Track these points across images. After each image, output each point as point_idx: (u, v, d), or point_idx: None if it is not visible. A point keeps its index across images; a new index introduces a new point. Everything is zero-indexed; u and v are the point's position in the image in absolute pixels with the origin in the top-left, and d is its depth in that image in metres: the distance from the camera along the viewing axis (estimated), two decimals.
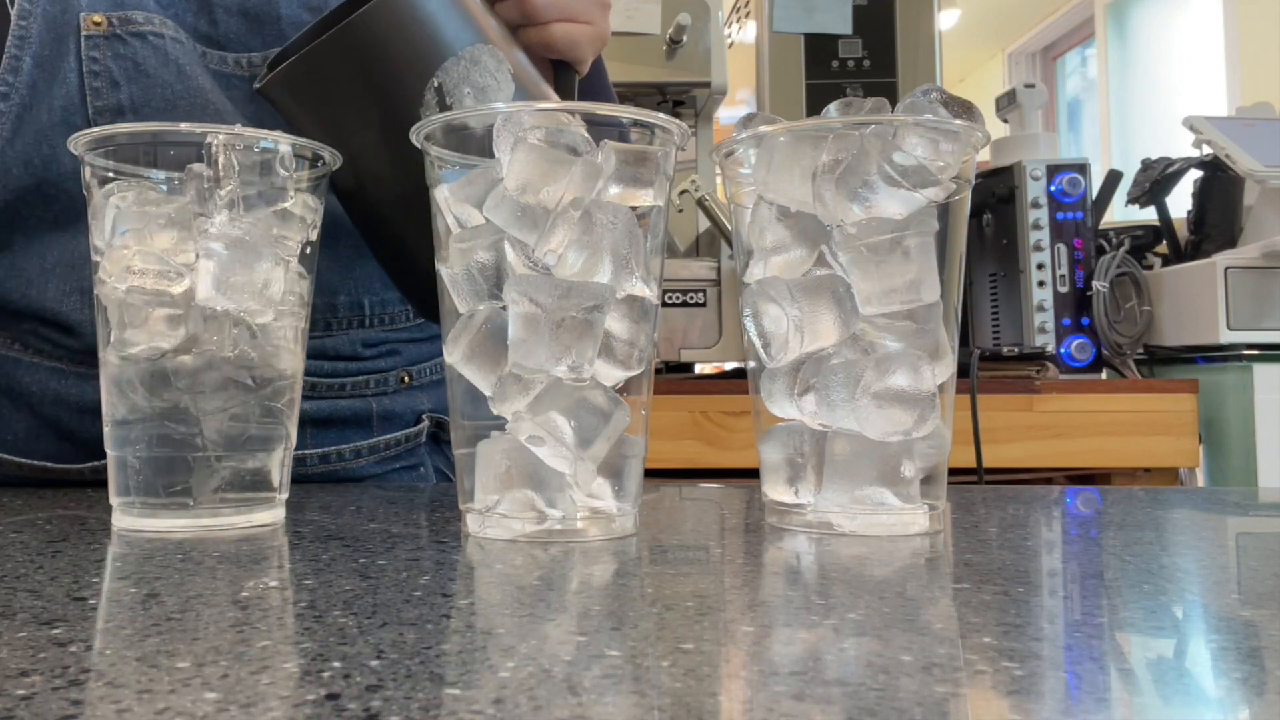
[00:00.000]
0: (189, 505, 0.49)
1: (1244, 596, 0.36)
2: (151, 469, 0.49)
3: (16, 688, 0.24)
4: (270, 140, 0.49)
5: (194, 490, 0.49)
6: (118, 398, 0.49)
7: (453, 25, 0.55)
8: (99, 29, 0.66)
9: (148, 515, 0.49)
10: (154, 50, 0.66)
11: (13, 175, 0.65)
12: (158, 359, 0.48)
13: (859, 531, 0.45)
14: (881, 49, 1.77)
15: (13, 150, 0.65)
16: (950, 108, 0.46)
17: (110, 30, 0.66)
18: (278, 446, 0.51)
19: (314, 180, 0.52)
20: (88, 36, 0.66)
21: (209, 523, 0.48)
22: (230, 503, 0.49)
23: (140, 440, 0.49)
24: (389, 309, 0.75)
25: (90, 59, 0.66)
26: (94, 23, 0.66)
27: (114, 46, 0.66)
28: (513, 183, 0.44)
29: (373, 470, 0.75)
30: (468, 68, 0.51)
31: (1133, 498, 0.64)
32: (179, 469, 0.49)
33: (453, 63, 0.52)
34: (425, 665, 0.26)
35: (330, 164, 0.52)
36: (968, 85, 5.14)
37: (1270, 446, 1.45)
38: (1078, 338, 1.60)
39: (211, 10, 0.69)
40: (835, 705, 0.23)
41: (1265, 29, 3.14)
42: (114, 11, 0.67)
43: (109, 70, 0.66)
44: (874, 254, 0.45)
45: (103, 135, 0.49)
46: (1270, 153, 1.53)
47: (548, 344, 0.43)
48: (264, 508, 0.51)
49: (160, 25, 0.67)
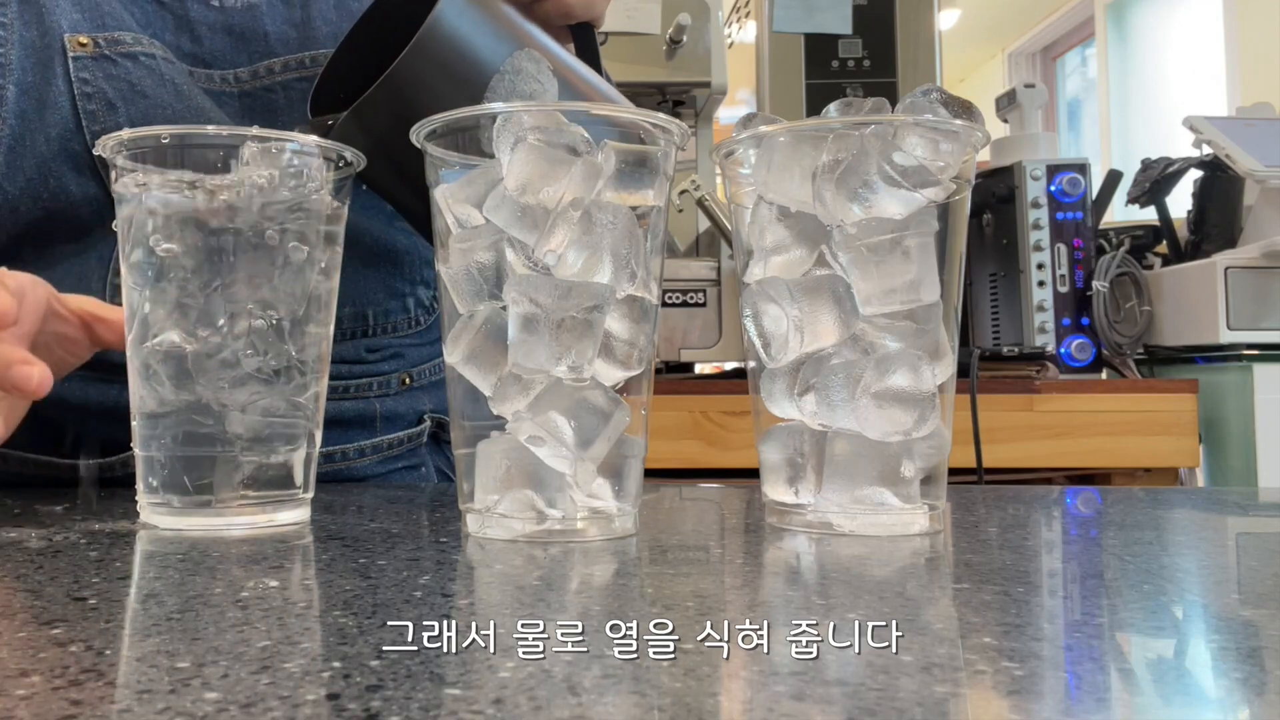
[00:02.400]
0: (211, 504, 0.49)
1: (1244, 596, 0.36)
2: (178, 465, 0.49)
3: (16, 688, 0.24)
4: (298, 143, 0.50)
5: (216, 487, 0.49)
6: (145, 391, 0.50)
7: (487, 41, 0.55)
8: (85, 50, 0.64)
9: (172, 514, 0.49)
10: (147, 71, 0.65)
11: (20, 212, 0.64)
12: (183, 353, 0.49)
13: (859, 531, 0.45)
14: (881, 49, 1.77)
15: (13, 185, 0.63)
16: (950, 108, 0.46)
17: (98, 51, 0.65)
18: (301, 444, 0.51)
19: (338, 181, 0.53)
20: (75, 58, 0.64)
21: (234, 520, 0.49)
22: (252, 501, 0.49)
23: (166, 435, 0.49)
24: (392, 319, 0.75)
25: (80, 80, 0.64)
26: (80, 44, 0.64)
27: (104, 68, 0.65)
28: (513, 183, 0.44)
29: (375, 470, 0.75)
30: (512, 80, 0.52)
31: (1133, 498, 0.63)
32: (204, 465, 0.49)
33: (497, 80, 0.52)
34: (425, 665, 0.26)
35: (354, 165, 0.52)
36: (968, 85, 5.13)
37: (1270, 446, 1.45)
38: (1078, 338, 1.60)
39: (193, 28, 0.68)
40: (835, 705, 0.23)
41: (1265, 29, 3.14)
42: (98, 33, 0.65)
43: (103, 92, 0.64)
44: (874, 254, 0.45)
45: (131, 138, 0.49)
46: (1270, 153, 1.53)
47: (548, 344, 0.43)
48: (289, 507, 0.50)
49: (149, 45, 0.66)
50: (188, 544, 0.44)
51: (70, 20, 0.65)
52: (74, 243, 0.66)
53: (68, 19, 0.65)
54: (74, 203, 0.65)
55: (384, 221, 0.73)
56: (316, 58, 0.69)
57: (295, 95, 0.68)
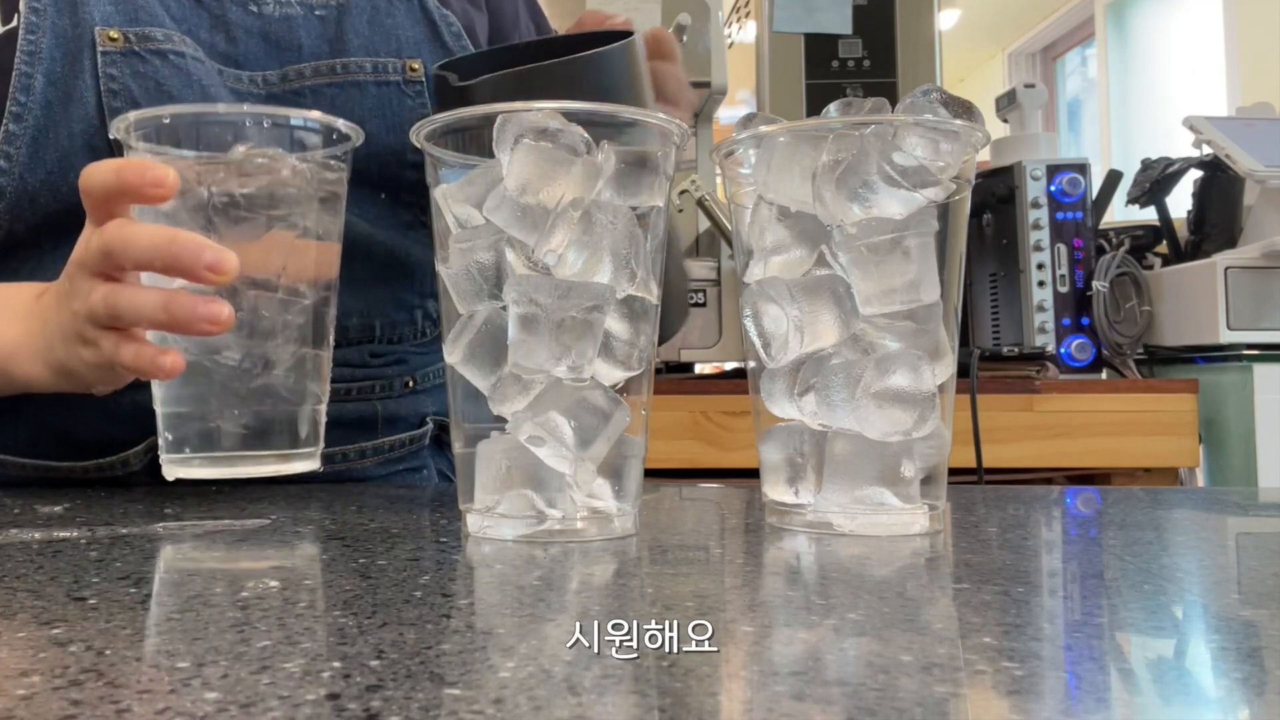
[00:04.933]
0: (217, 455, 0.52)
1: (1244, 596, 0.36)
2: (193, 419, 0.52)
3: (16, 688, 0.24)
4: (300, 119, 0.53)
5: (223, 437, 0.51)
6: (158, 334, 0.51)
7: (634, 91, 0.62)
8: (115, 45, 0.64)
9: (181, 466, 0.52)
10: (175, 70, 0.65)
11: (40, 204, 0.64)
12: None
13: (859, 531, 0.45)
14: (881, 49, 1.77)
15: (33, 176, 0.63)
16: (950, 108, 0.46)
17: (128, 47, 0.64)
18: (306, 401, 0.54)
19: (337, 154, 0.54)
20: (104, 53, 0.64)
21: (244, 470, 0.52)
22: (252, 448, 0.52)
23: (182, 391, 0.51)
24: (398, 329, 0.75)
25: (108, 76, 0.64)
26: (110, 38, 0.64)
27: (132, 64, 0.64)
28: (513, 183, 0.44)
29: (377, 472, 0.75)
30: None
31: (1133, 498, 0.63)
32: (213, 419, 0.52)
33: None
34: (425, 665, 0.26)
35: (352, 139, 0.54)
36: (968, 85, 5.13)
37: (1270, 446, 1.45)
38: (1078, 338, 1.60)
39: (229, 29, 0.68)
40: (835, 705, 0.23)
41: (1265, 29, 3.14)
42: (130, 27, 0.64)
43: (128, 89, 0.64)
44: (874, 254, 0.45)
45: (143, 117, 0.51)
46: (1270, 153, 1.53)
47: (548, 344, 0.43)
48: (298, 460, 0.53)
49: (180, 43, 0.65)
50: (188, 544, 0.44)
51: (103, 12, 0.64)
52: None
53: (100, 10, 0.64)
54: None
55: (398, 232, 0.73)
56: (348, 65, 0.70)
57: (323, 100, 0.69)
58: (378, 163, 0.69)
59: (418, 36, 0.72)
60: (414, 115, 0.70)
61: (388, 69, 0.70)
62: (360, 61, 0.70)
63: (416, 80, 0.71)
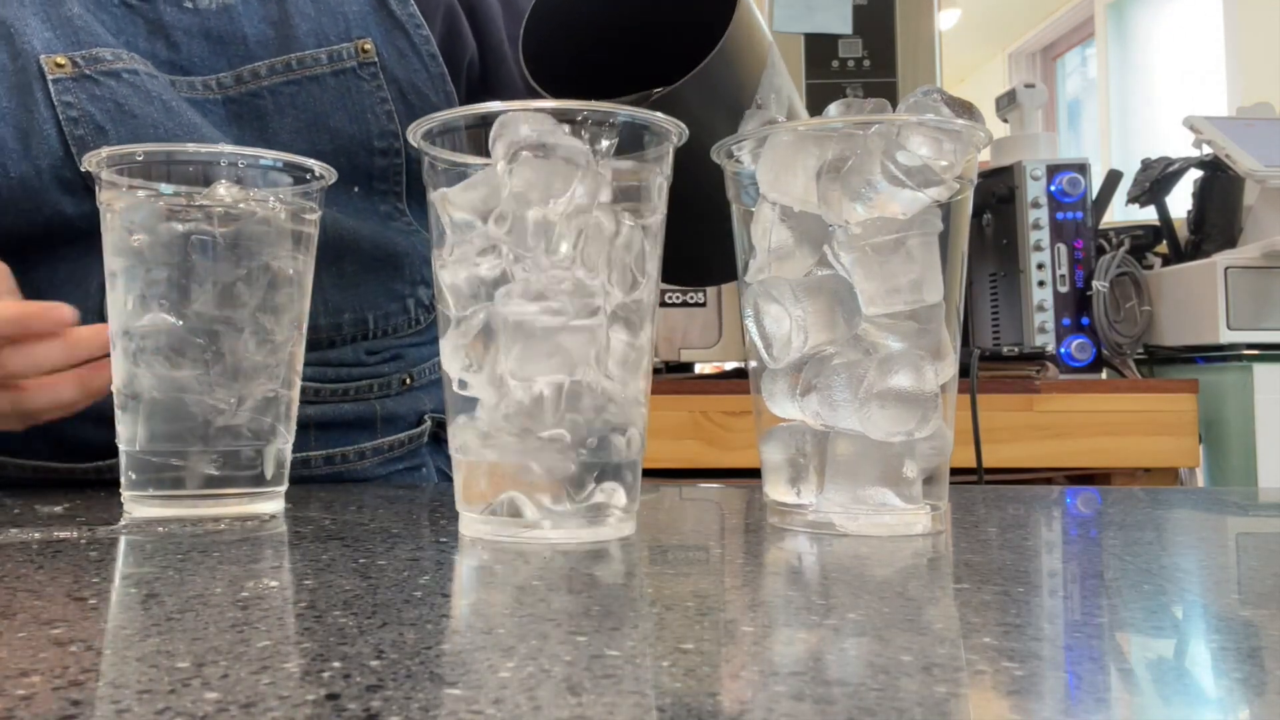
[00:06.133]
0: (184, 495, 0.52)
1: (1244, 596, 0.36)
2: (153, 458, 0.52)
3: (16, 688, 0.24)
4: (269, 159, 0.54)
5: (188, 479, 0.52)
6: (125, 373, 0.52)
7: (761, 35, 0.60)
8: (65, 71, 0.61)
9: (148, 505, 0.52)
10: (132, 89, 0.63)
11: (18, 233, 0.63)
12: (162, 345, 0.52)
13: (861, 532, 0.45)
14: (881, 49, 1.77)
15: (7, 217, 0.62)
16: (951, 108, 0.46)
17: (78, 71, 0.62)
18: (271, 439, 0.54)
19: (308, 194, 0.55)
20: (55, 80, 0.61)
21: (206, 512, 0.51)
22: (224, 492, 0.52)
23: (143, 428, 0.52)
24: (391, 321, 0.74)
25: (64, 104, 0.61)
26: (58, 64, 0.61)
27: (87, 88, 0.62)
28: (513, 190, 0.44)
29: (376, 472, 0.75)
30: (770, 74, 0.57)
31: (1133, 498, 0.63)
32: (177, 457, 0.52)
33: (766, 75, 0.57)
34: (425, 665, 0.26)
35: (324, 179, 0.55)
36: (968, 85, 5.13)
37: (1270, 446, 1.45)
38: (1078, 338, 1.60)
39: (168, 33, 0.66)
40: (835, 705, 0.23)
41: (1265, 29, 3.14)
42: (74, 51, 0.62)
43: (89, 114, 0.62)
44: (878, 254, 0.45)
45: (116, 153, 0.51)
46: (1270, 153, 1.53)
47: (547, 346, 0.43)
48: (261, 500, 0.53)
49: (130, 61, 0.63)
50: (188, 544, 0.44)
51: (43, 39, 0.62)
52: (76, 245, 0.65)
53: (40, 38, 0.62)
54: (78, 233, 0.64)
55: (379, 223, 0.72)
56: (303, 59, 0.68)
57: (283, 100, 0.67)
58: (346, 155, 0.68)
59: (363, 7, 0.69)
60: (372, 100, 0.68)
61: (342, 55, 0.68)
62: (315, 54, 0.68)
63: (370, 63, 0.69)
